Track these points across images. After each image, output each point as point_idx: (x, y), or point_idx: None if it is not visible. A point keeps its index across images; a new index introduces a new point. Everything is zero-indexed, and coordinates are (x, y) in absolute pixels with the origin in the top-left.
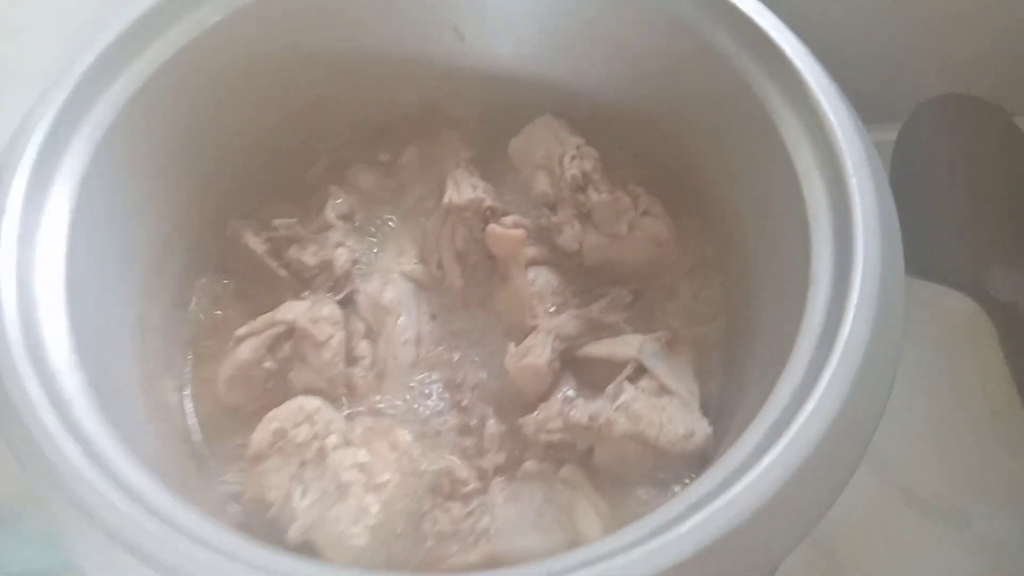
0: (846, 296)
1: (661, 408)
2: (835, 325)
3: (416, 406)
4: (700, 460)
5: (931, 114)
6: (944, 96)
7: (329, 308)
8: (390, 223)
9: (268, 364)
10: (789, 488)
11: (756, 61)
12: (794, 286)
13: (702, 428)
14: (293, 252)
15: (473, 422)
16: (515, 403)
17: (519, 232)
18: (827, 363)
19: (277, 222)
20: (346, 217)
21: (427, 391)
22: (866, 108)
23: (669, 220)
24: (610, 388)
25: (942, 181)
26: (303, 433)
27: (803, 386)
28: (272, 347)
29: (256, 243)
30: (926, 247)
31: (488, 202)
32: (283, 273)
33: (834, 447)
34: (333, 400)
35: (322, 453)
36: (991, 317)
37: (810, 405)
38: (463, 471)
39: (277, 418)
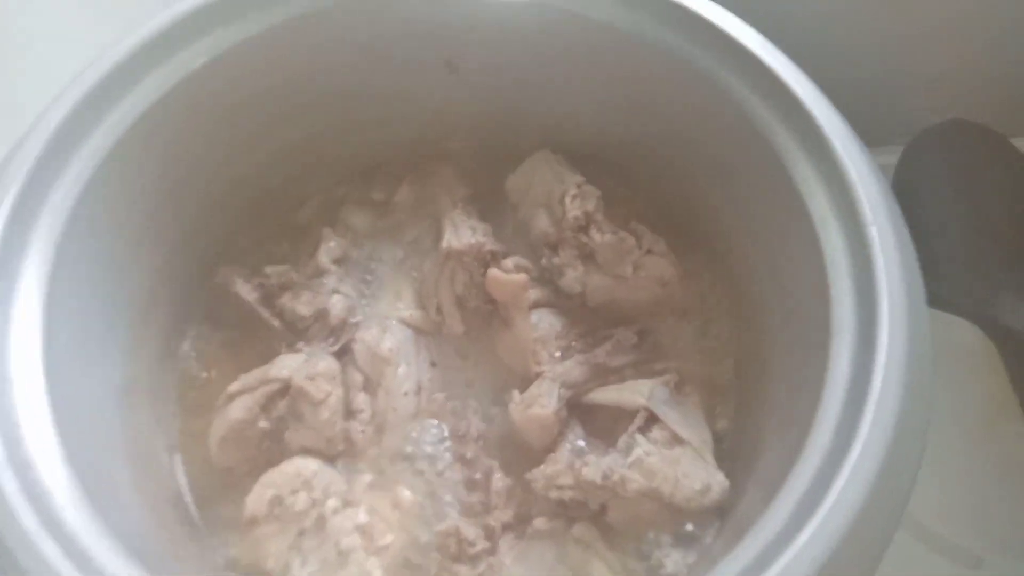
0: (873, 349)
1: (675, 461)
2: (864, 382)
3: (418, 461)
4: (716, 512)
5: (934, 139)
6: (947, 122)
7: (326, 363)
8: (386, 265)
9: (262, 424)
10: (831, 566)
11: (766, 103)
12: (813, 335)
13: (718, 481)
14: (286, 300)
15: (478, 475)
16: (521, 454)
17: (521, 277)
18: (859, 423)
19: (269, 269)
20: (340, 261)
21: (429, 444)
22: (867, 131)
23: (674, 258)
24: (621, 441)
25: (946, 207)
26: (301, 501)
27: (835, 448)
28: (266, 405)
29: (247, 291)
30: (929, 274)
31: (489, 246)
32: (276, 323)
33: (874, 512)
34: (331, 458)
35: (321, 521)
36: (998, 346)
37: (846, 470)
38: (470, 530)
39: (273, 484)
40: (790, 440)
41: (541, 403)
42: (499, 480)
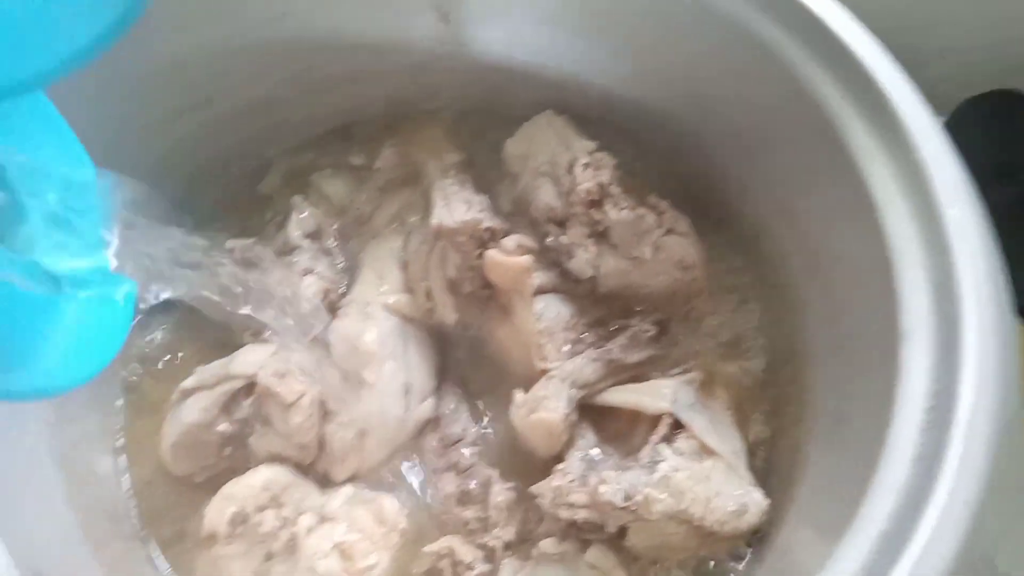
0: (958, 358)
1: (706, 477)
2: (948, 401)
3: (406, 470)
4: (753, 537)
5: (978, 110)
6: (992, 92)
7: (298, 357)
8: (366, 242)
9: (223, 427)
10: None
11: (818, 60)
12: (872, 336)
13: (756, 501)
14: (252, 281)
15: (475, 487)
16: (525, 463)
17: (524, 259)
18: (944, 454)
19: (231, 243)
20: (313, 235)
21: (418, 452)
22: None
23: (697, 240)
24: (644, 453)
25: (987, 179)
26: (269, 520)
27: (915, 481)
28: (227, 405)
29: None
30: None
31: (486, 223)
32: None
33: (967, 567)
34: (305, 467)
35: (293, 542)
36: None
37: (931, 513)
38: (466, 551)
39: (236, 498)
40: (848, 463)
41: (548, 406)
42: (499, 493)
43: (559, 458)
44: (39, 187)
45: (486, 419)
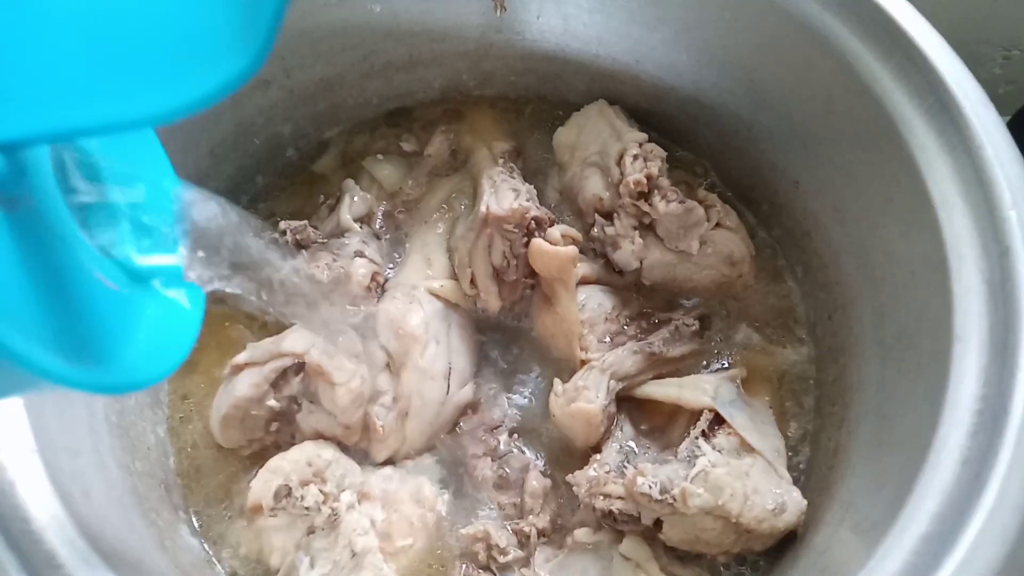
0: (1013, 363)
1: (744, 474)
2: (1000, 405)
3: (445, 453)
4: (790, 537)
5: None
6: None
7: (347, 338)
8: (416, 227)
9: (271, 402)
10: None
11: (879, 54)
12: (923, 338)
13: (795, 501)
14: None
15: (512, 473)
16: (563, 452)
17: (570, 250)
18: (994, 456)
19: (283, 224)
20: (364, 219)
21: (458, 434)
22: None
23: (746, 235)
24: (683, 448)
25: None
26: (312, 495)
27: (963, 486)
28: (277, 382)
29: (259, 247)
30: None
31: (533, 212)
32: None
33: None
34: (348, 446)
35: (334, 518)
36: None
37: (979, 517)
38: (501, 536)
39: (281, 472)
40: (891, 465)
41: (587, 396)
42: (536, 480)
43: (597, 449)
44: (128, 191)
45: (526, 406)
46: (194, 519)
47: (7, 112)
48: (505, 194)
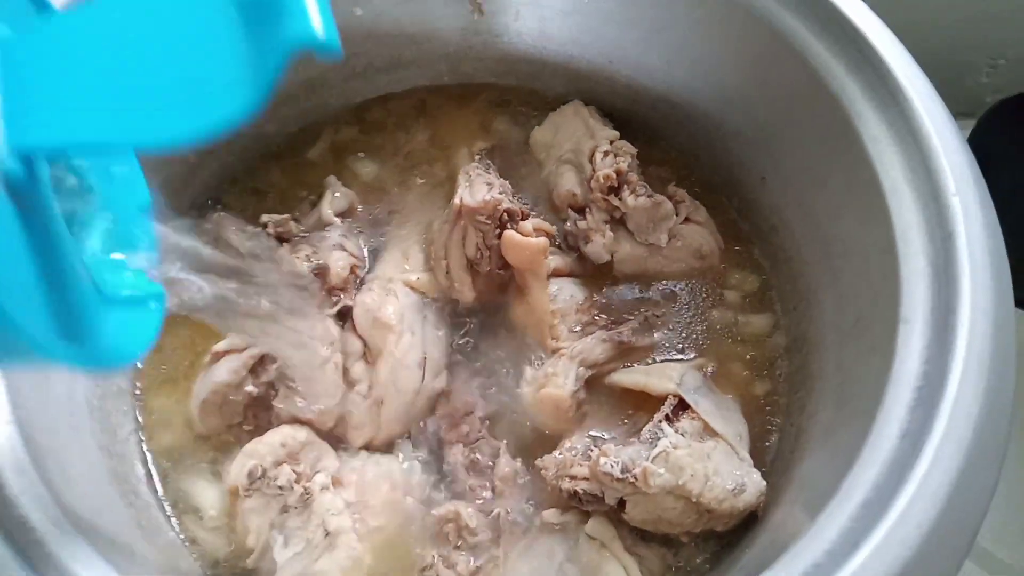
0: (951, 343)
1: (706, 456)
2: (938, 382)
3: (418, 438)
4: (750, 517)
5: (1007, 114)
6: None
7: (323, 326)
8: (394, 222)
9: (249, 387)
10: None
11: (834, 49)
12: (875, 322)
13: (754, 483)
14: (283, 254)
15: (483, 458)
16: (533, 438)
17: (541, 241)
18: (930, 428)
19: (266, 218)
20: (345, 214)
21: (431, 421)
22: None
23: (715, 229)
24: (646, 430)
25: (1018, 185)
26: (284, 475)
27: (899, 457)
28: (255, 368)
29: (240, 240)
30: None
31: (505, 204)
32: None
33: (942, 536)
34: (324, 431)
35: (307, 497)
36: None
37: (911, 484)
38: (472, 517)
39: (256, 454)
40: (842, 443)
41: (556, 383)
42: (506, 464)
43: (566, 435)
44: (110, 198)
45: (498, 394)
46: (167, 505)
47: (43, 123)
48: (479, 187)
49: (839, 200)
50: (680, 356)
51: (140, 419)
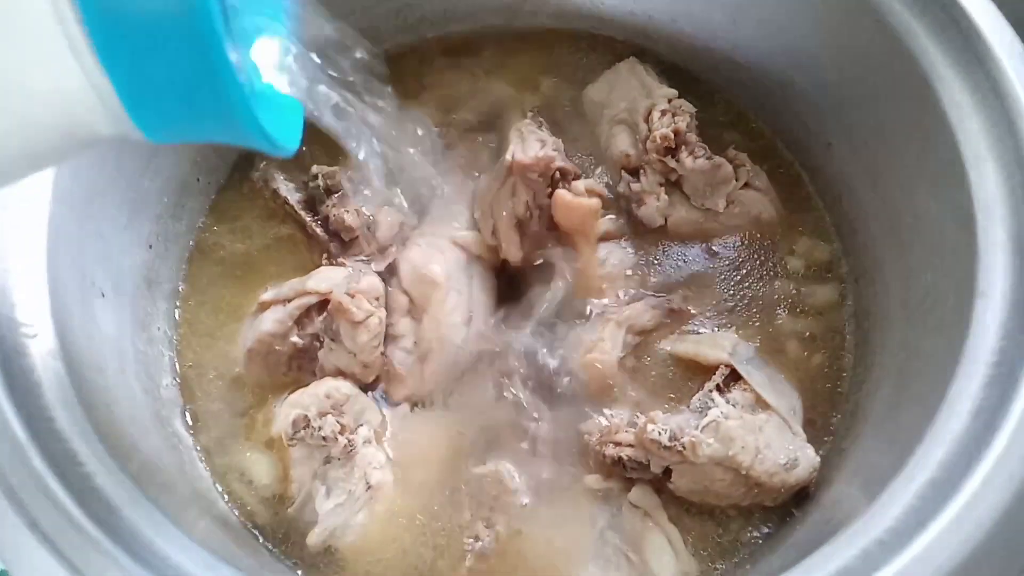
0: None
1: (757, 428)
2: (1016, 357)
3: (461, 396)
4: (799, 492)
5: None
6: None
7: (369, 280)
8: (444, 177)
9: (295, 339)
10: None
11: (915, 6)
12: (944, 297)
13: (808, 458)
14: (332, 207)
15: (525, 420)
16: (578, 402)
17: (593, 202)
18: (1007, 407)
19: (315, 169)
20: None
21: (475, 379)
22: None
23: (775, 196)
24: (696, 399)
25: None
26: (329, 425)
27: (971, 436)
28: (300, 320)
29: (288, 190)
30: None
31: (558, 162)
32: (319, 232)
33: (1020, 522)
34: (367, 385)
35: (350, 449)
36: None
37: (985, 463)
38: (512, 479)
39: (300, 404)
40: (906, 422)
41: (603, 348)
42: (547, 426)
43: (611, 401)
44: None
45: (542, 356)
46: (208, 453)
47: None
48: (532, 144)
49: (913, 168)
50: (733, 326)
51: (178, 368)
